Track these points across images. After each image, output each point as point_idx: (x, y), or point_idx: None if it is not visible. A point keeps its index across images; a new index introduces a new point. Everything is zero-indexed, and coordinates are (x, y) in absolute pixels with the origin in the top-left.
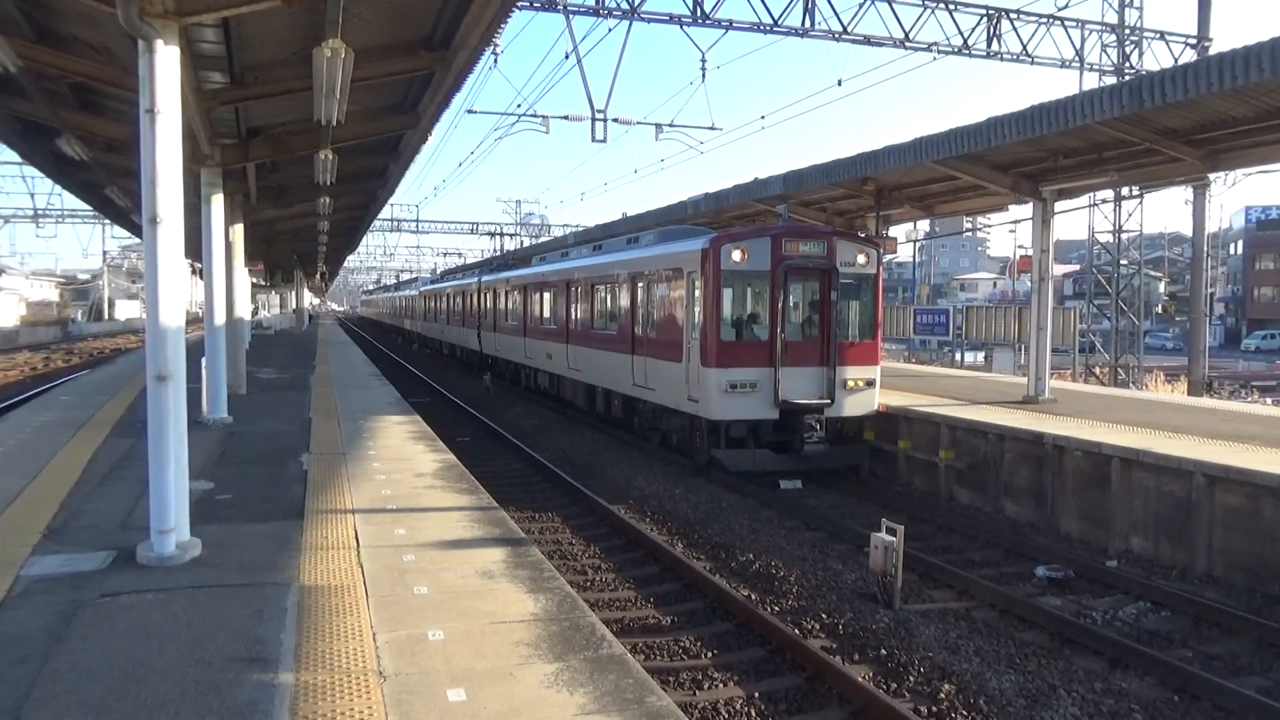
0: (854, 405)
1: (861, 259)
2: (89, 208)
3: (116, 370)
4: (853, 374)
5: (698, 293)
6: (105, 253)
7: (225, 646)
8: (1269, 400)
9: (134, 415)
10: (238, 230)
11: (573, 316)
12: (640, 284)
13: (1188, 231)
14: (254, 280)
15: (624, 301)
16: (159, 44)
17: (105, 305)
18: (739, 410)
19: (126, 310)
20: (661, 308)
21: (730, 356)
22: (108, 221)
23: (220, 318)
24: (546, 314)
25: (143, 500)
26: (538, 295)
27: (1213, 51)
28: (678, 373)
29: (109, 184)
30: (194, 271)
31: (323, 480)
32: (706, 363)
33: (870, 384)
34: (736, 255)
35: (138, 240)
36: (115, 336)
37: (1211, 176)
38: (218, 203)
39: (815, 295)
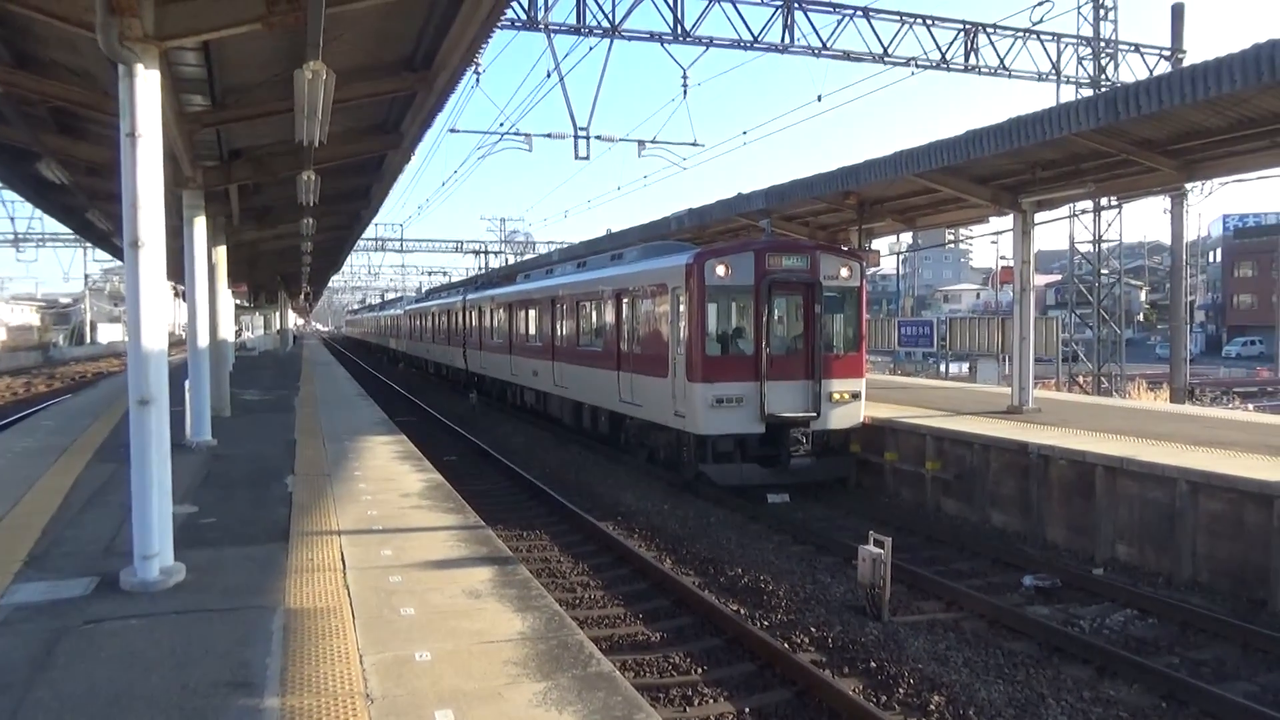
0: (840, 418)
1: (845, 272)
2: (70, 231)
3: (99, 394)
4: (838, 387)
5: (682, 308)
6: (87, 276)
7: (211, 672)
8: (1250, 406)
9: (117, 439)
10: (220, 252)
11: (558, 333)
12: (625, 300)
13: (1167, 240)
14: (237, 302)
15: (609, 318)
16: (139, 68)
17: (87, 329)
18: (725, 425)
19: (108, 333)
20: (647, 324)
21: (716, 371)
22: (89, 245)
23: (203, 340)
24: (532, 331)
25: (126, 525)
26: (523, 312)
27: (1186, 63)
28: (664, 388)
29: (90, 207)
30: (176, 294)
31: (308, 502)
32: (692, 378)
33: (856, 396)
34: (720, 270)
35: (119, 263)
36: (97, 360)
37: (1188, 186)
38: (200, 225)
39: (799, 309)
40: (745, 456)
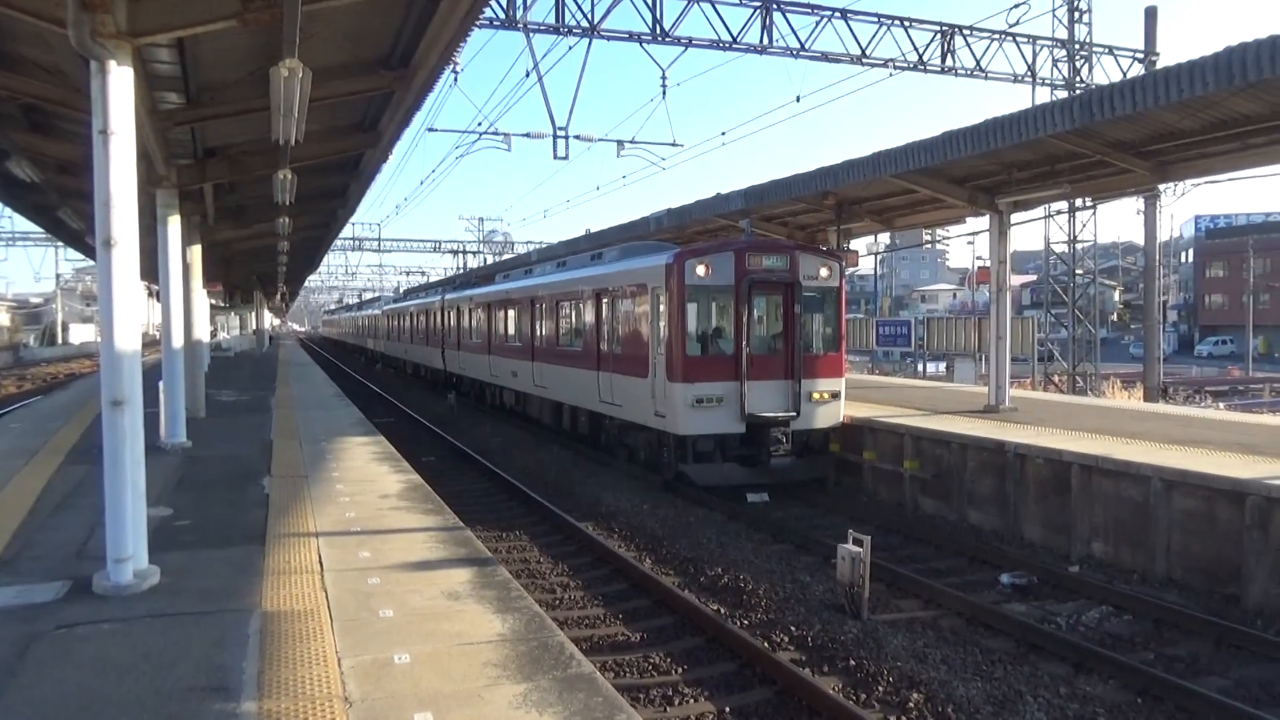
0: (820, 417)
1: (824, 272)
2: (41, 230)
3: (71, 395)
4: (818, 386)
5: (663, 308)
6: (58, 275)
7: (186, 676)
8: (1222, 405)
9: (89, 441)
10: (195, 251)
11: (538, 333)
12: (605, 300)
13: (1140, 241)
14: (212, 302)
15: (589, 318)
16: (112, 65)
17: (59, 329)
18: (706, 425)
19: (81, 334)
20: (627, 323)
21: (696, 371)
22: (61, 244)
23: (178, 340)
24: (511, 331)
25: (99, 528)
26: (502, 313)
27: (1160, 66)
28: (644, 388)
29: (62, 206)
30: (151, 293)
31: (285, 504)
32: (672, 378)
33: (835, 396)
34: (701, 270)
35: (92, 262)
36: (69, 361)
37: (1161, 187)
38: (174, 224)
39: (779, 309)
40: (725, 456)
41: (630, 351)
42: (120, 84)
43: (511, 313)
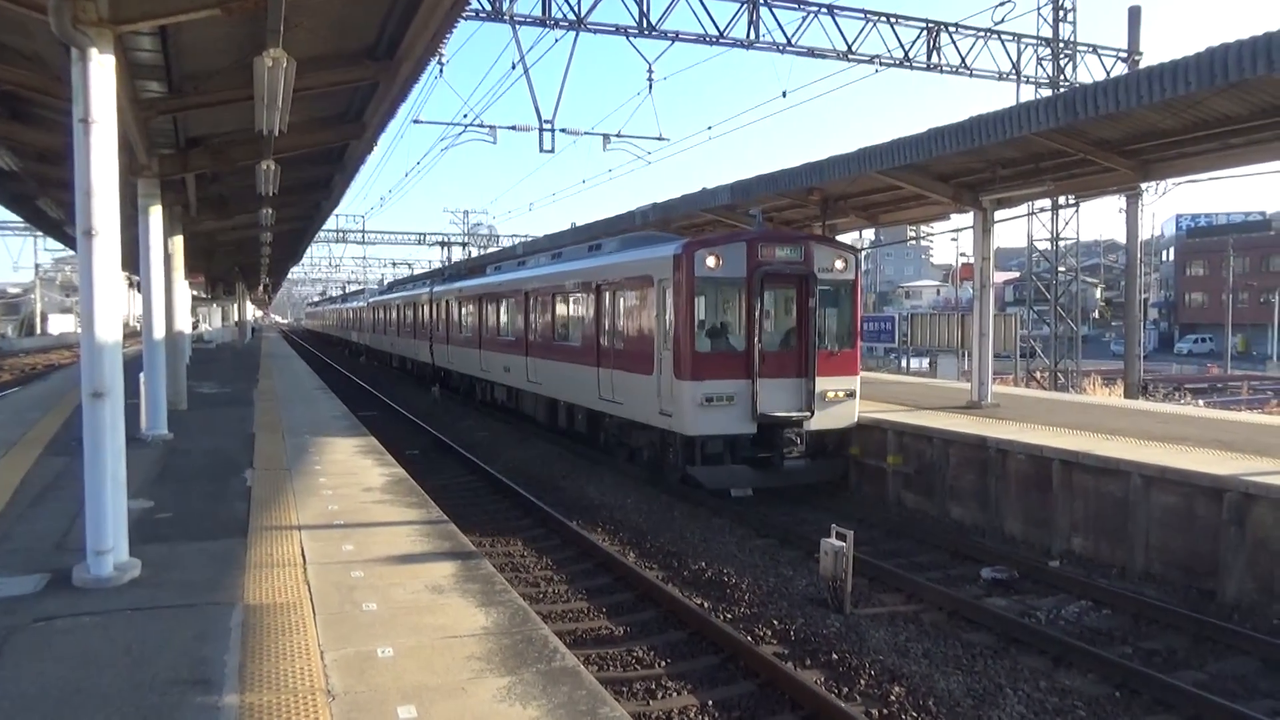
0: (834, 417)
1: (839, 265)
2: (19, 219)
3: (50, 386)
4: (832, 385)
5: (670, 301)
6: (37, 265)
7: (167, 669)
8: (1201, 402)
9: (69, 433)
10: (177, 242)
11: (532, 328)
12: (606, 293)
13: (1122, 239)
14: (194, 293)
15: (588, 311)
16: (93, 52)
17: (37, 319)
18: (715, 425)
19: (60, 324)
20: (629, 318)
21: (705, 368)
22: (40, 234)
23: (159, 331)
24: (504, 325)
25: (79, 520)
26: (494, 306)
27: (1143, 65)
28: (649, 386)
29: (41, 195)
30: (132, 284)
31: (267, 496)
32: (680, 375)
33: (850, 395)
34: (711, 261)
35: (72, 252)
36: (49, 352)
37: (1143, 186)
38: (156, 214)
39: (792, 303)
40: (735, 458)
41: (633, 347)
42: (101, 72)
43: (505, 306)
